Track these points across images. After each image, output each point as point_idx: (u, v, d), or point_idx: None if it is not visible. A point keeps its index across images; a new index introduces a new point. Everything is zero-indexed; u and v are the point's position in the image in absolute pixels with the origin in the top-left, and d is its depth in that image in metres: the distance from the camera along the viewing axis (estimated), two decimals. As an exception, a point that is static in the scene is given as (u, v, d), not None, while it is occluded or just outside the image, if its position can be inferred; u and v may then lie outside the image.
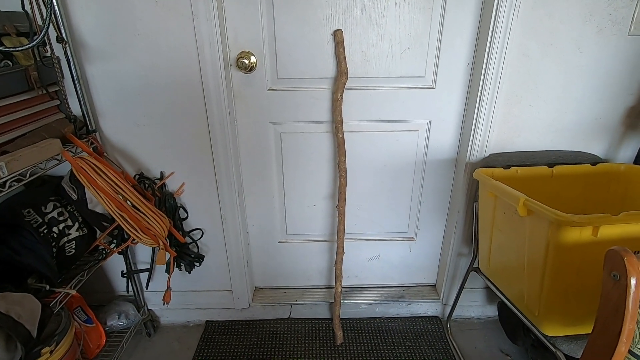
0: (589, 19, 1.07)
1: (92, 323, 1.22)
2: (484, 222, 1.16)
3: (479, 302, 1.52)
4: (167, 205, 1.25)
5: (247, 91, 1.23)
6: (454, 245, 1.40)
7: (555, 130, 1.22)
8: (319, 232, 1.47)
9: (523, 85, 1.16)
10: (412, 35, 1.15)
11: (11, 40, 0.94)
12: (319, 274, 1.55)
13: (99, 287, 1.45)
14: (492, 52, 1.09)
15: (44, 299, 0.94)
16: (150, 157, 1.25)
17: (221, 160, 1.24)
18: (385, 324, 1.50)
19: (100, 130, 1.20)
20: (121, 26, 1.07)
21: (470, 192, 1.30)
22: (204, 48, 1.09)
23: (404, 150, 1.32)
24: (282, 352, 1.37)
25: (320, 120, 1.26)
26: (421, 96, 1.24)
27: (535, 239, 0.91)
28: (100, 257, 1.20)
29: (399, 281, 1.57)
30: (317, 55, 1.17)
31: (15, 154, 0.86)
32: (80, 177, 1.01)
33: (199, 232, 1.37)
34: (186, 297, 1.49)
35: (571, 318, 0.91)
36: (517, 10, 1.05)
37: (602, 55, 1.12)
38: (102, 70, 1.12)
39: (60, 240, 1.04)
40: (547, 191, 1.17)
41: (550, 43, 1.10)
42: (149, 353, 1.39)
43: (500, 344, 1.42)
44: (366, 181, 1.37)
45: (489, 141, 1.23)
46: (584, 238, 0.81)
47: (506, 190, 0.97)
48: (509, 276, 1.07)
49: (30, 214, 0.98)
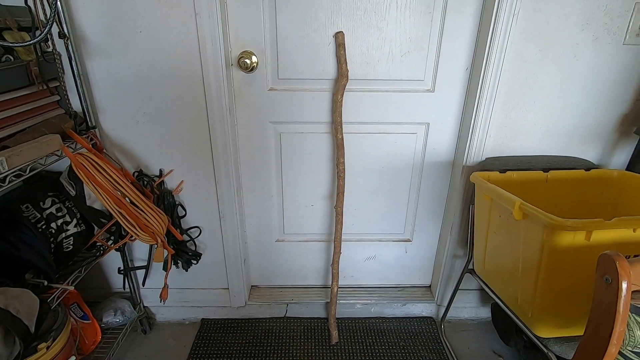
0: (586, 27, 1.09)
1: (88, 319, 1.21)
2: (480, 225, 1.18)
3: (472, 304, 1.54)
4: (166, 203, 1.25)
5: (248, 90, 1.23)
6: (449, 247, 1.42)
7: (550, 136, 1.24)
8: (316, 232, 1.48)
9: (520, 91, 1.18)
10: (412, 39, 1.17)
11: (12, 34, 0.94)
12: (315, 273, 1.56)
13: (95, 284, 1.45)
14: (491, 57, 1.11)
15: (42, 294, 0.94)
16: (150, 154, 1.25)
17: (220, 159, 1.25)
18: (380, 324, 1.52)
19: (99, 126, 1.20)
20: (123, 23, 1.07)
21: (467, 195, 1.32)
22: (205, 46, 1.09)
23: (402, 153, 1.34)
24: (277, 351, 1.38)
25: (319, 121, 1.27)
26: (420, 99, 1.25)
27: (529, 242, 0.93)
28: (98, 253, 1.20)
29: (395, 282, 1.59)
30: (318, 56, 1.18)
31: (15, 149, 0.86)
32: (80, 173, 1.01)
33: (197, 230, 1.37)
34: (182, 294, 1.49)
35: (563, 320, 0.93)
36: (516, 17, 1.07)
37: (597, 63, 1.14)
38: (102, 67, 1.12)
39: (58, 236, 1.04)
40: (541, 195, 1.19)
41: (547, 49, 1.12)
42: (144, 350, 1.39)
43: (493, 345, 1.44)
44: (364, 182, 1.39)
45: (486, 145, 1.25)
46: (577, 242, 0.83)
47: (502, 194, 0.99)
48: (503, 278, 1.09)
49: (28, 209, 0.98)
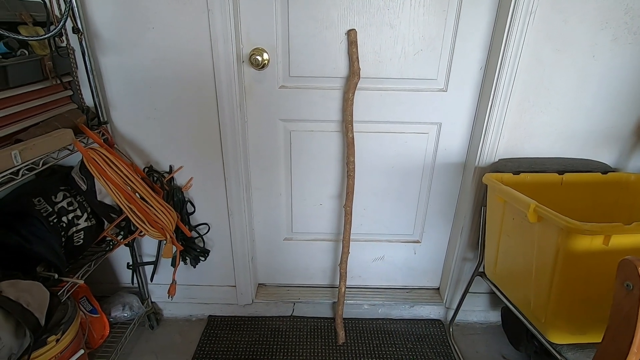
0: (605, 26, 1.07)
1: (96, 313, 1.22)
2: (492, 227, 1.16)
3: (481, 307, 1.52)
4: (175, 199, 1.25)
5: (259, 88, 1.23)
6: (459, 250, 1.40)
7: (565, 138, 1.22)
8: (324, 231, 1.47)
9: (535, 91, 1.15)
10: (425, 37, 1.15)
11: (27, 29, 0.95)
12: (322, 272, 1.55)
13: (103, 278, 1.46)
14: (506, 56, 1.09)
15: (52, 287, 0.94)
16: (160, 150, 1.25)
17: (230, 156, 1.24)
18: (387, 325, 1.50)
19: (111, 122, 1.20)
20: (136, 19, 1.07)
21: (478, 197, 1.30)
22: (217, 43, 1.09)
23: (413, 153, 1.32)
24: (283, 350, 1.38)
25: (330, 119, 1.26)
26: (432, 99, 1.23)
27: (544, 246, 0.91)
28: (108, 248, 1.20)
29: (403, 283, 1.57)
30: (330, 54, 1.17)
31: (29, 142, 0.86)
32: (91, 167, 1.02)
33: (205, 227, 1.37)
34: (190, 291, 1.50)
35: (578, 326, 0.91)
36: (533, 16, 1.04)
37: (616, 64, 1.11)
38: (115, 62, 1.12)
39: (69, 230, 1.04)
40: (555, 198, 1.17)
41: (564, 49, 1.10)
42: (151, 345, 1.40)
43: (502, 350, 1.41)
44: (374, 182, 1.37)
45: (499, 146, 1.22)
46: (594, 247, 0.81)
47: (516, 196, 0.97)
48: (515, 282, 1.07)
49: (40, 202, 0.99)
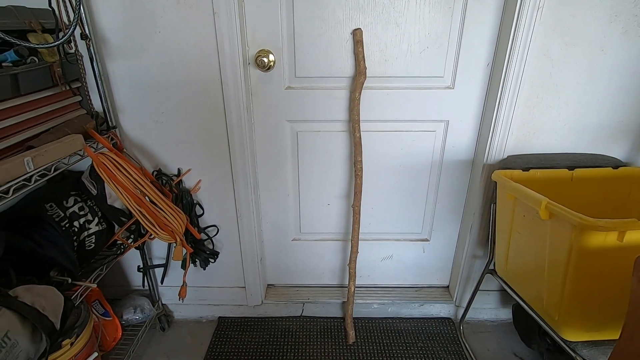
0: (615, 19, 1.05)
1: (109, 316, 1.23)
2: (502, 224, 1.15)
3: (492, 305, 1.51)
4: (184, 202, 1.26)
5: (265, 89, 1.23)
6: (468, 247, 1.39)
7: (575, 133, 1.20)
8: (332, 231, 1.47)
9: (543, 86, 1.14)
10: (431, 35, 1.15)
11: (37, 36, 0.96)
12: (331, 272, 1.55)
13: (115, 281, 1.47)
14: (514, 52, 1.08)
15: (66, 291, 0.95)
16: (168, 153, 1.26)
17: (238, 158, 1.25)
18: (397, 324, 1.50)
19: (119, 126, 1.21)
20: (142, 23, 1.08)
21: (487, 194, 1.29)
22: (223, 46, 1.09)
23: (421, 151, 1.32)
24: (294, 350, 1.38)
25: (337, 119, 1.26)
26: (439, 96, 1.23)
27: (556, 243, 0.90)
28: (118, 251, 1.21)
29: (412, 282, 1.57)
30: (336, 54, 1.17)
31: (40, 149, 0.87)
32: (101, 172, 1.03)
33: (215, 229, 1.38)
34: (200, 292, 1.51)
35: (592, 323, 0.90)
36: (540, 10, 1.03)
37: (626, 57, 1.10)
38: (122, 68, 1.13)
39: (80, 235, 1.05)
40: (566, 194, 1.16)
41: (573, 43, 1.08)
42: (163, 347, 1.41)
43: (513, 347, 1.40)
44: (381, 181, 1.37)
45: (508, 143, 1.21)
46: (608, 243, 0.80)
47: (527, 192, 0.96)
48: (527, 279, 1.06)
49: (52, 208, 1.00)
